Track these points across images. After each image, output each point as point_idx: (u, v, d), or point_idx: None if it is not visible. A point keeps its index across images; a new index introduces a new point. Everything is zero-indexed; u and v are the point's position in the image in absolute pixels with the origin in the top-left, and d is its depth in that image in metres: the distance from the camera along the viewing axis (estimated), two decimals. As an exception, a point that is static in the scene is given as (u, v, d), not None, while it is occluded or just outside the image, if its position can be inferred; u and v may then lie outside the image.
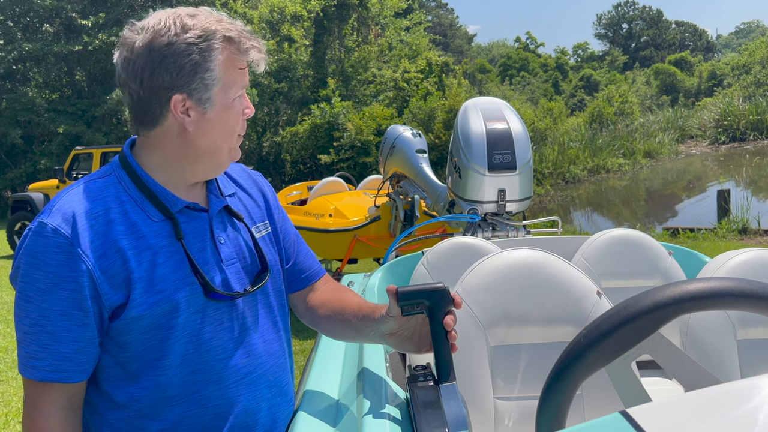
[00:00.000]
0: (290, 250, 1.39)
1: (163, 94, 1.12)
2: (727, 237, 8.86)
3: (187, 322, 1.15)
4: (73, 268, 1.08)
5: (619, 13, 65.04)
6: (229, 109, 1.17)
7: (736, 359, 1.74)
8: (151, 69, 1.11)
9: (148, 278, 1.12)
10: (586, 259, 2.46)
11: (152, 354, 1.14)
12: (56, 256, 1.08)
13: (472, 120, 3.47)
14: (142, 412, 1.15)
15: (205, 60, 1.12)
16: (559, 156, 18.33)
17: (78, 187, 1.16)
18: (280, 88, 19.87)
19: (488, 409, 1.63)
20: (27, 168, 18.17)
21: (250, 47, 1.17)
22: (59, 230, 1.08)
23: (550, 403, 0.95)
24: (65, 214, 1.10)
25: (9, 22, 18.41)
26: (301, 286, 1.41)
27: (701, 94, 38.93)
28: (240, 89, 1.18)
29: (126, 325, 1.12)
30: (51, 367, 1.09)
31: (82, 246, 1.09)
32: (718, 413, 0.56)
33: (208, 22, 1.14)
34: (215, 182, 1.28)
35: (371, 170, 14.95)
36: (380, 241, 6.08)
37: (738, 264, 1.85)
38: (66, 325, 1.09)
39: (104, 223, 1.12)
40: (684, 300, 0.89)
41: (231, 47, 1.15)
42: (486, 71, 40.83)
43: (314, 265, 1.43)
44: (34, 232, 1.09)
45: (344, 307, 1.34)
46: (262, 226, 1.33)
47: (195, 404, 1.16)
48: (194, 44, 1.11)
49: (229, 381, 1.19)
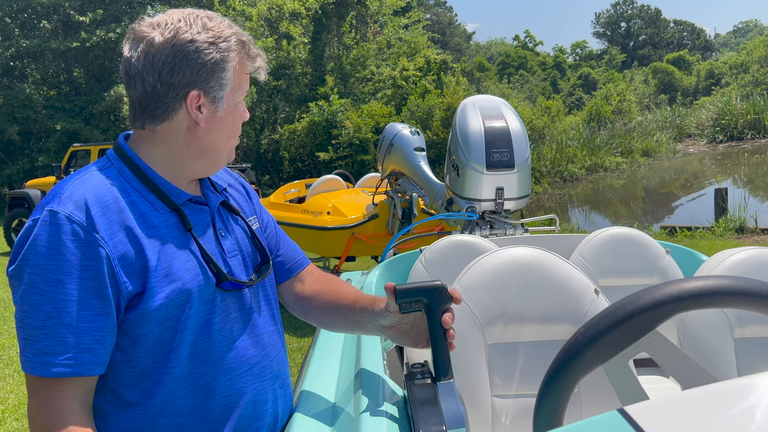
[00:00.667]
0: (272, 242, 1.41)
1: (180, 89, 1.15)
2: (725, 236, 8.88)
3: (198, 312, 1.15)
4: (91, 255, 1.05)
5: (618, 12, 65.08)
6: (235, 110, 1.22)
7: (733, 357, 1.75)
8: (173, 64, 1.13)
9: (163, 267, 1.11)
10: (583, 257, 2.46)
11: (165, 346, 1.12)
12: (71, 243, 1.05)
13: (471, 118, 3.47)
14: (155, 408, 1.12)
15: (224, 60, 1.16)
16: (557, 154, 18.34)
17: (83, 176, 1.14)
18: (279, 86, 19.86)
19: (486, 407, 1.64)
20: (24, 165, 18.13)
21: (257, 54, 1.23)
22: (73, 217, 1.06)
23: (547, 400, 0.95)
24: (77, 201, 1.08)
25: (7, 18, 18.34)
26: (285, 277, 1.42)
27: (699, 93, 39.01)
28: (243, 93, 1.24)
29: (143, 315, 1.09)
30: (71, 360, 1.04)
31: (100, 232, 1.06)
32: (715, 411, 0.56)
33: (223, 25, 1.19)
34: (208, 179, 1.30)
35: (369, 168, 14.95)
36: (378, 238, 6.09)
37: (735, 262, 1.85)
38: (85, 315, 1.05)
39: (116, 210, 1.10)
40: (682, 298, 0.89)
41: (243, 52, 1.20)
42: (484, 69, 40.82)
43: (297, 256, 1.45)
44: (44, 222, 1.06)
45: (339, 298, 1.36)
46: (253, 220, 1.35)
47: (205, 395, 1.15)
48: (215, 44, 1.16)
49: (239, 371, 1.19)
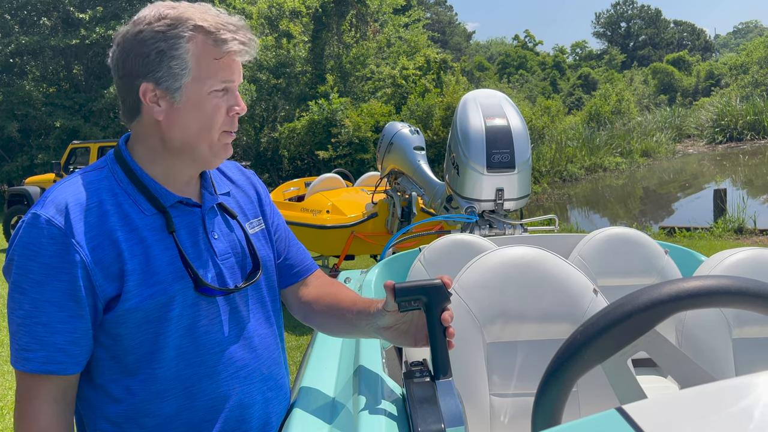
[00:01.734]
0: (282, 245, 1.40)
1: (132, 83, 1.14)
2: (723, 236, 8.88)
3: (182, 315, 1.15)
4: (67, 259, 1.08)
5: (618, 12, 65.06)
6: (203, 102, 1.15)
7: (731, 357, 1.75)
8: (123, 58, 1.14)
9: (142, 271, 1.12)
10: (582, 257, 2.47)
11: (147, 347, 1.13)
12: (50, 247, 1.07)
13: (472, 116, 3.45)
14: (137, 406, 1.15)
15: (171, 48, 1.11)
16: (556, 154, 18.34)
17: (72, 179, 1.16)
18: (278, 84, 19.85)
19: (484, 406, 1.64)
20: (24, 162, 18.12)
21: (229, 38, 1.13)
22: (52, 221, 1.08)
23: (546, 399, 0.95)
24: (58, 205, 1.10)
25: (6, 15, 18.32)
26: (292, 281, 1.41)
27: (699, 94, 39.02)
28: (219, 83, 1.15)
29: (119, 317, 1.12)
30: (44, 358, 1.08)
31: (76, 237, 1.08)
32: (713, 410, 0.56)
33: (187, 12, 1.13)
34: (209, 179, 1.29)
35: (369, 167, 14.94)
36: (377, 237, 6.09)
37: (734, 263, 1.85)
38: (60, 316, 1.09)
39: (98, 214, 1.12)
40: (680, 298, 0.89)
41: (205, 37, 1.13)
42: (484, 69, 40.81)
43: (306, 260, 1.44)
44: (28, 224, 1.09)
45: (339, 302, 1.34)
46: (256, 223, 1.33)
47: (189, 398, 1.16)
48: (161, 32, 1.11)
49: (224, 374, 1.19)
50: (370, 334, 1.29)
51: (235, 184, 1.36)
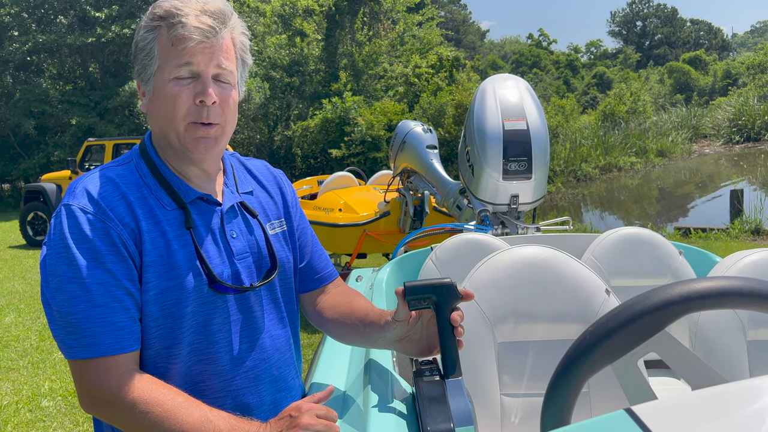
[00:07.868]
0: (305, 249, 1.39)
1: (136, 80, 1.22)
2: (740, 237, 8.78)
3: (196, 312, 1.15)
4: (110, 241, 1.09)
5: (634, 11, 64.52)
6: (163, 89, 1.14)
7: (746, 360, 1.73)
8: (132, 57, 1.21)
9: (162, 263, 1.13)
10: (595, 257, 2.45)
11: (162, 342, 1.14)
12: (90, 231, 1.09)
13: (490, 113, 3.31)
14: None
15: (141, 40, 1.17)
16: (570, 154, 18.23)
17: (97, 173, 1.18)
18: (292, 83, 19.91)
19: (495, 406, 1.63)
20: (40, 159, 18.31)
21: (177, 22, 1.10)
22: (86, 209, 1.10)
23: (555, 399, 0.95)
24: (89, 194, 1.12)
25: (24, 13, 18.52)
26: (312, 287, 1.41)
27: (715, 93, 38.56)
28: (179, 69, 1.12)
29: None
30: (110, 339, 1.07)
31: (112, 221, 1.10)
32: (723, 412, 0.56)
33: (165, 3, 1.14)
34: (233, 177, 1.29)
35: (382, 165, 14.94)
36: (389, 236, 6.08)
37: (749, 264, 1.83)
38: (117, 294, 1.08)
39: (125, 204, 1.13)
40: (692, 298, 0.88)
41: (163, 23, 1.13)
42: (498, 68, 40.63)
43: (327, 268, 1.43)
44: (64, 215, 1.10)
45: (352, 311, 1.33)
46: (277, 224, 1.33)
47: (198, 395, 1.16)
48: (140, 27, 1.17)
49: (233, 373, 1.19)
50: (382, 346, 1.29)
51: (260, 183, 1.36)
